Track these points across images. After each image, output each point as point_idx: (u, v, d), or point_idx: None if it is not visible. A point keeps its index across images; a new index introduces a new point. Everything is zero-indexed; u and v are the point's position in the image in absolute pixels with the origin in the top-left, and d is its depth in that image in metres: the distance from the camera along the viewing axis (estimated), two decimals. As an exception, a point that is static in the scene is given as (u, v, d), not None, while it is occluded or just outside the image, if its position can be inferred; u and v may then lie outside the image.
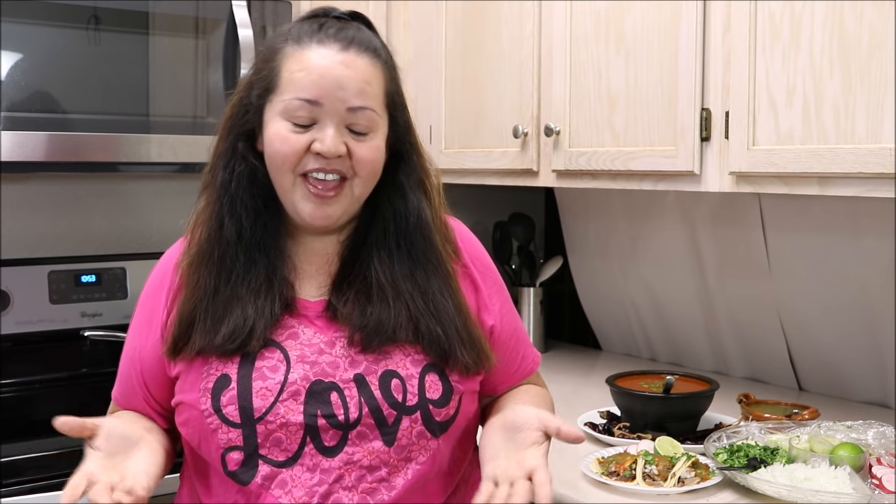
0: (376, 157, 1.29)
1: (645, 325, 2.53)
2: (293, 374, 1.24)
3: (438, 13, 2.37)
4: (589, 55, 1.98)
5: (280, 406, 1.23)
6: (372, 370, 1.26)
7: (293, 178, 1.27)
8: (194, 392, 1.26)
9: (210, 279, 1.28)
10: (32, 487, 1.63)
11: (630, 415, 1.85)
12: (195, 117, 2.08)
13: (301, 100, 1.24)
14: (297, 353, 1.26)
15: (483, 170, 2.28)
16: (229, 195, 1.30)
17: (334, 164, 1.26)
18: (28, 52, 1.88)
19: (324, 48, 1.26)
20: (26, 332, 2.12)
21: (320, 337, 1.28)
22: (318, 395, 1.23)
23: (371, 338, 1.27)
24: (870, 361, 2.03)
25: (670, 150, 1.81)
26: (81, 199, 2.33)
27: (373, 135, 1.28)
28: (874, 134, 1.49)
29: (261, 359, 1.25)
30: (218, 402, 1.23)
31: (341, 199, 1.28)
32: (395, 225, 1.33)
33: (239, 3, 2.07)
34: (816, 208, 2.02)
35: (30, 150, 1.87)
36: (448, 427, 1.28)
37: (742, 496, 1.54)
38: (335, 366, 1.26)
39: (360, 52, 1.27)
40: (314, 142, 1.25)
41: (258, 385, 1.23)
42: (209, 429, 1.24)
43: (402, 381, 1.26)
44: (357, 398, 1.24)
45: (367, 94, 1.26)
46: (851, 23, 1.51)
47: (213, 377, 1.25)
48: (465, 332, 1.30)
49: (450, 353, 1.28)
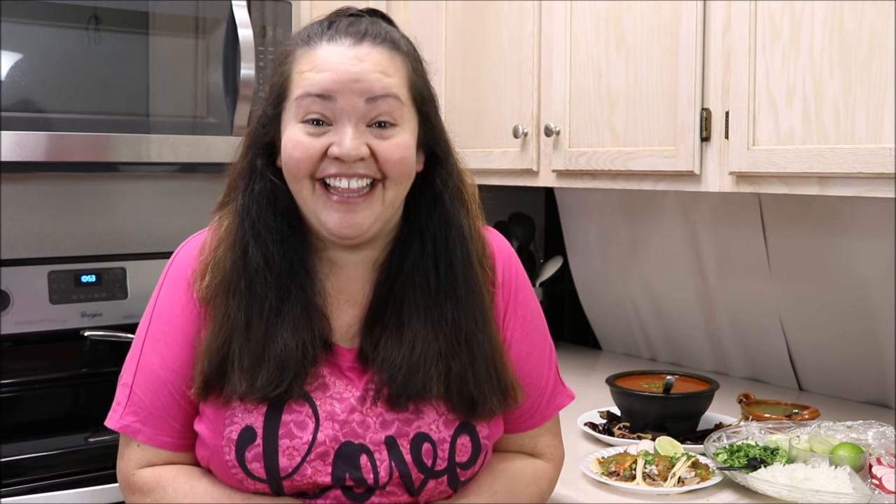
0: (405, 155, 1.16)
1: (645, 325, 2.53)
2: (322, 434, 1.16)
3: (438, 13, 2.37)
4: (589, 55, 1.98)
5: (307, 467, 1.15)
6: (403, 432, 1.17)
7: (312, 186, 1.16)
8: (217, 437, 1.17)
9: (240, 312, 1.17)
10: (32, 487, 1.63)
11: (630, 415, 1.85)
12: (195, 117, 2.08)
13: (311, 95, 1.14)
14: (328, 410, 1.17)
15: (483, 170, 2.28)
16: (251, 218, 1.19)
17: (357, 167, 1.14)
18: (28, 52, 1.88)
19: (334, 44, 1.16)
20: (26, 332, 2.12)
21: (352, 391, 1.19)
22: (348, 459, 1.16)
23: (399, 394, 1.17)
24: (870, 361, 2.03)
25: (670, 150, 1.81)
26: (81, 199, 2.32)
27: (399, 129, 1.16)
28: (874, 134, 1.49)
29: (288, 412, 1.16)
30: (243, 458, 1.15)
31: (371, 204, 1.16)
32: (434, 243, 1.21)
33: (239, 3, 2.07)
34: (816, 208, 2.02)
35: (30, 150, 1.87)
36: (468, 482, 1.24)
37: (742, 496, 1.54)
38: (366, 426, 1.17)
39: (376, 44, 1.16)
40: (332, 145, 1.14)
41: (285, 444, 1.15)
42: (235, 479, 1.18)
43: (434, 445, 1.18)
44: (388, 462, 1.17)
45: (387, 84, 1.15)
46: (851, 23, 1.51)
47: (238, 427, 1.16)
48: (496, 371, 1.21)
49: (478, 401, 1.20)
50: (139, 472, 1.23)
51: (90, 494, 1.66)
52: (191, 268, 1.23)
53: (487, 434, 1.23)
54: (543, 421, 1.34)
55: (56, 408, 2.08)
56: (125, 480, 1.25)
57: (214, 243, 1.22)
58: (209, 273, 1.20)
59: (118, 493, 1.59)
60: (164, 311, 1.24)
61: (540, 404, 1.32)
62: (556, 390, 1.35)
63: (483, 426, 1.22)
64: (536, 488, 1.32)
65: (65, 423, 1.96)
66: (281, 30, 2.16)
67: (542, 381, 1.32)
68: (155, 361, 1.22)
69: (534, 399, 1.31)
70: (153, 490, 1.22)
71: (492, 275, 1.27)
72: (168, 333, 1.22)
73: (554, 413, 1.35)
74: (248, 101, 2.05)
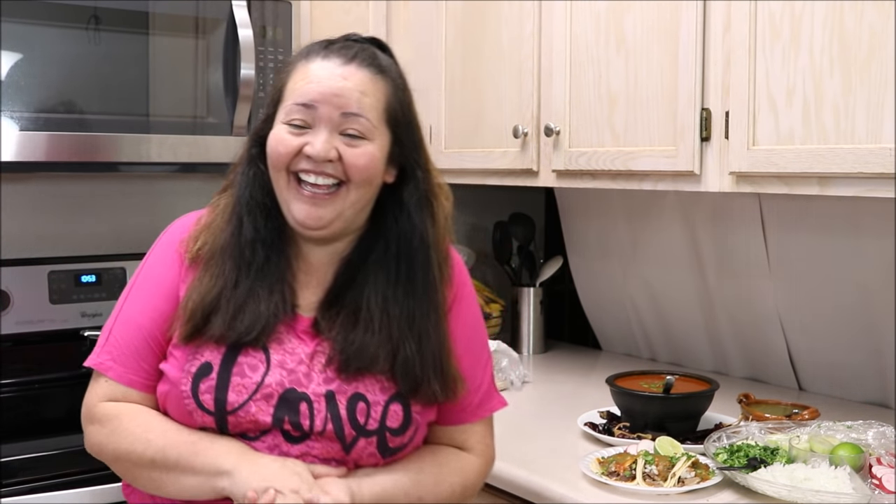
0: (369, 164, 1.32)
1: (645, 325, 2.53)
2: (270, 378, 1.30)
3: (438, 13, 2.37)
4: (589, 55, 1.98)
5: (252, 405, 1.29)
6: (343, 390, 1.32)
7: (287, 178, 1.33)
8: (179, 371, 1.32)
9: (232, 272, 1.34)
10: (32, 487, 1.63)
11: (630, 415, 1.85)
12: (195, 117, 2.08)
13: (298, 104, 1.32)
14: (279, 358, 1.32)
15: (483, 170, 2.28)
16: (245, 196, 1.37)
17: (325, 167, 1.31)
18: (28, 52, 1.88)
19: (327, 61, 1.33)
20: (26, 332, 2.12)
21: (303, 349, 1.34)
22: (289, 403, 1.30)
23: (348, 363, 1.32)
24: (870, 361, 2.03)
25: (670, 150, 1.81)
26: (81, 199, 2.33)
27: (367, 142, 1.32)
28: (874, 134, 1.49)
29: (244, 355, 1.31)
30: (197, 389, 1.30)
31: (335, 202, 1.32)
32: (398, 245, 1.37)
33: (239, 3, 2.07)
34: (816, 208, 2.02)
35: (30, 150, 1.87)
36: (396, 452, 1.36)
37: (742, 496, 1.54)
38: (310, 378, 1.32)
39: (362, 66, 1.33)
40: (307, 144, 1.31)
41: (236, 381, 1.30)
42: (185, 409, 1.30)
43: (368, 405, 1.32)
44: (324, 413, 1.30)
45: (363, 104, 1.31)
46: (851, 23, 1.51)
47: (198, 362, 1.31)
48: (441, 363, 1.35)
49: (421, 384, 1.34)
50: (102, 404, 1.35)
51: (90, 494, 1.66)
52: (185, 234, 1.40)
53: (420, 411, 1.36)
54: (474, 418, 1.45)
55: (56, 408, 2.08)
56: (87, 412, 1.37)
57: (211, 216, 1.39)
58: (202, 238, 1.37)
59: (119, 493, 1.59)
60: (150, 269, 1.41)
61: (472, 402, 1.44)
62: (489, 394, 1.48)
63: (417, 405, 1.35)
64: (461, 477, 1.42)
65: (65, 423, 1.95)
66: (281, 30, 2.16)
67: (476, 382, 1.44)
68: (135, 310, 1.38)
69: (466, 395, 1.42)
70: (111, 420, 1.33)
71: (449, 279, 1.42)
72: (151, 287, 1.39)
73: (486, 414, 1.48)
74: (247, 101, 2.05)
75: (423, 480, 1.37)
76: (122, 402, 1.35)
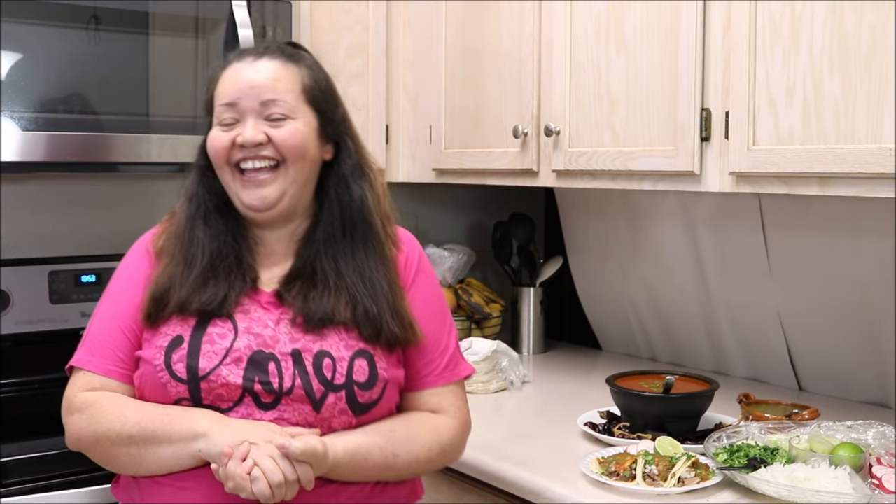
0: (297, 139, 1.44)
1: (645, 325, 2.53)
2: (238, 343, 1.40)
3: (438, 13, 2.37)
4: (589, 55, 1.98)
5: (223, 368, 1.38)
6: (308, 348, 1.40)
7: (230, 171, 1.45)
8: (152, 349, 1.41)
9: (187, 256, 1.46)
10: (32, 487, 1.63)
11: (630, 415, 1.85)
12: (195, 117, 2.08)
13: (222, 105, 1.45)
14: (245, 325, 1.42)
15: (483, 170, 2.28)
16: (197, 197, 1.50)
17: (258, 150, 1.43)
18: (28, 52, 1.88)
19: (241, 62, 1.48)
20: (26, 332, 2.12)
21: (269, 316, 1.43)
22: (258, 364, 1.38)
23: (311, 318, 1.41)
24: (870, 361, 2.03)
25: (670, 150, 1.82)
26: (81, 199, 2.32)
27: (291, 121, 1.44)
28: (874, 134, 1.49)
29: (213, 325, 1.41)
30: (169, 360, 1.38)
31: (276, 182, 1.44)
32: (342, 214, 1.48)
33: (239, 3, 2.07)
34: (816, 208, 2.02)
35: (30, 150, 1.87)
36: (369, 410, 1.42)
37: (742, 496, 1.54)
38: (276, 340, 1.41)
39: (272, 58, 1.47)
40: (237, 136, 1.43)
41: (206, 348, 1.39)
42: (160, 382, 1.38)
43: (334, 361, 1.40)
44: (292, 370, 1.39)
45: (278, 89, 1.44)
46: (851, 23, 1.51)
47: (169, 337, 1.41)
48: (395, 307, 1.45)
49: (381, 328, 1.43)
50: (81, 393, 1.43)
51: (90, 494, 1.66)
52: (151, 235, 1.54)
53: (385, 367, 1.43)
54: (443, 381, 1.52)
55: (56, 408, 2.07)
56: (67, 403, 1.45)
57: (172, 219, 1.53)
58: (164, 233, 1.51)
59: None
60: (123, 270, 1.53)
61: (439, 365, 1.52)
62: (456, 359, 1.55)
63: (381, 358, 1.43)
64: (436, 436, 1.48)
65: (65, 423, 1.95)
66: (281, 30, 2.16)
67: (441, 346, 1.53)
68: (108, 306, 1.49)
69: (432, 358, 1.52)
70: (90, 406, 1.41)
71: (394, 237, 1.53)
72: (123, 282, 1.51)
73: (455, 378, 1.54)
74: (248, 101, 2.05)
75: (396, 437, 1.43)
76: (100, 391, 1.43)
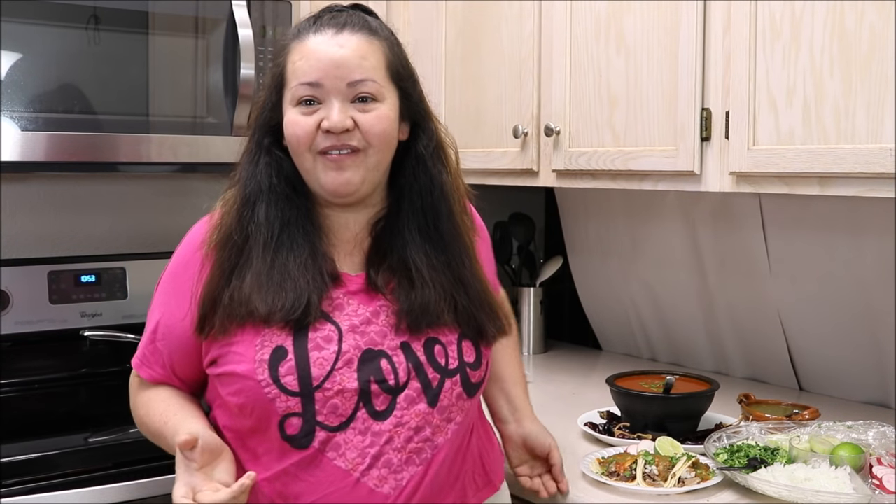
0: (385, 126, 1.35)
1: (645, 325, 2.53)
2: (346, 344, 1.33)
3: (438, 13, 2.37)
4: (589, 55, 1.98)
5: (336, 374, 1.31)
6: (416, 338, 1.36)
7: (312, 158, 1.35)
8: (247, 363, 1.31)
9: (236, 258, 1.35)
10: (32, 487, 1.62)
11: (630, 415, 1.85)
12: (195, 117, 2.08)
13: (303, 84, 1.33)
14: (348, 324, 1.34)
15: (483, 170, 2.28)
16: (253, 185, 1.37)
17: (344, 138, 1.33)
18: (28, 52, 1.88)
19: (319, 35, 1.35)
20: (26, 332, 2.12)
21: (366, 308, 1.37)
22: (370, 363, 1.33)
23: (419, 322, 1.36)
24: (870, 361, 2.03)
25: (670, 149, 1.81)
26: (81, 199, 2.32)
27: (379, 104, 1.35)
28: (874, 134, 1.49)
29: (314, 330, 1.32)
30: (276, 373, 1.30)
31: (358, 167, 1.35)
32: (422, 199, 1.41)
33: (239, 3, 2.07)
34: (816, 208, 2.02)
35: (30, 150, 1.87)
36: (479, 388, 1.42)
37: (742, 496, 1.54)
38: (383, 335, 1.35)
39: (354, 31, 1.35)
40: (323, 120, 1.33)
41: (315, 356, 1.31)
42: (266, 398, 1.30)
43: (444, 346, 1.37)
44: (405, 363, 1.34)
45: (365, 68, 1.34)
46: (851, 23, 1.51)
47: (269, 349, 1.31)
48: (489, 304, 1.43)
49: (483, 327, 1.40)
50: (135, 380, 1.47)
51: (90, 494, 1.66)
52: (202, 232, 1.41)
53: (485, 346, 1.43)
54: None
55: (56, 408, 2.08)
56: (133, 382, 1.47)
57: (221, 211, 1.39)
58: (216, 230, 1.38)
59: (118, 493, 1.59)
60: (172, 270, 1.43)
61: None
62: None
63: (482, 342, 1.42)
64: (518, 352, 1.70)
65: (65, 423, 1.95)
66: (281, 30, 2.16)
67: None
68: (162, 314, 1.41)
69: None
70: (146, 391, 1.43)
71: (472, 224, 1.48)
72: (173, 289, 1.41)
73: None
74: (247, 100, 2.05)
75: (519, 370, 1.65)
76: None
